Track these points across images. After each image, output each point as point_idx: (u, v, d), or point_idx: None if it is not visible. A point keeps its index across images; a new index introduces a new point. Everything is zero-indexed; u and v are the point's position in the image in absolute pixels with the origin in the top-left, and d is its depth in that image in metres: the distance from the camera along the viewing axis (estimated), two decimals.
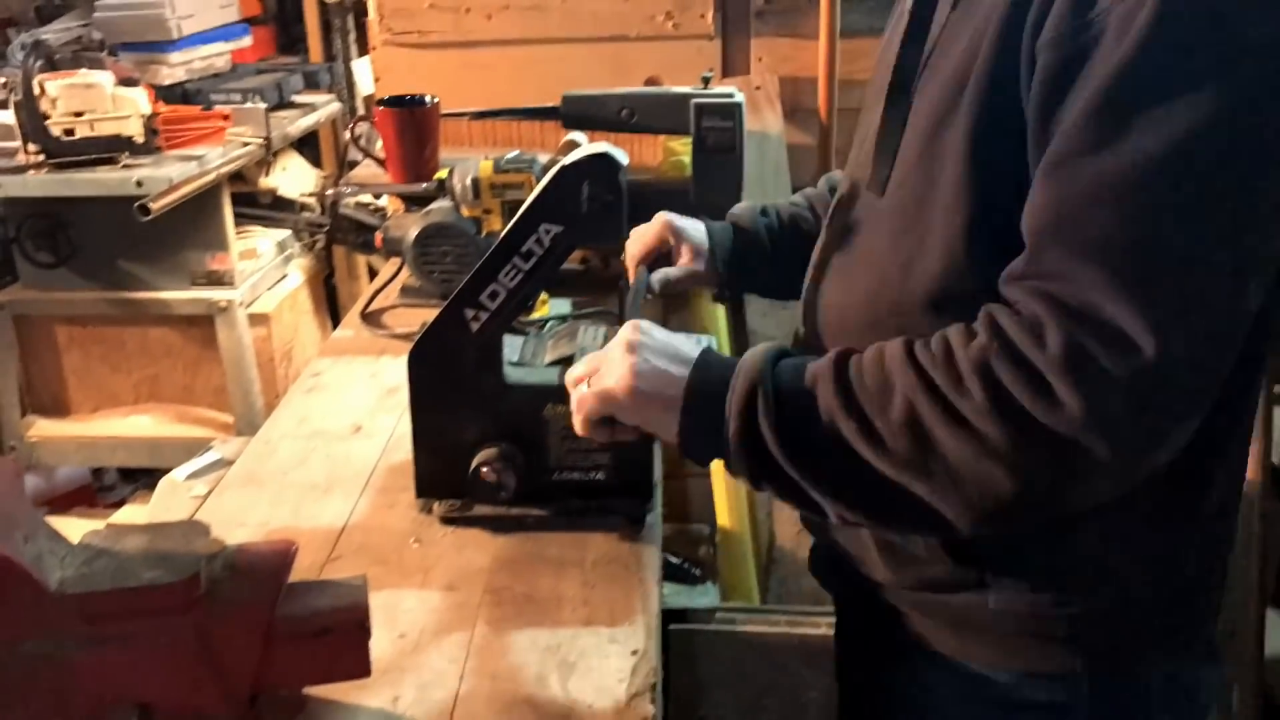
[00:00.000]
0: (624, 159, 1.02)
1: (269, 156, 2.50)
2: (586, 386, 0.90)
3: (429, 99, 1.85)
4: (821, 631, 1.07)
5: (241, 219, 2.49)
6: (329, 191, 1.82)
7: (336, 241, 1.88)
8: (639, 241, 1.24)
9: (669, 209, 1.25)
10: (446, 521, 1.07)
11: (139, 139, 2.21)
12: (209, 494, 1.15)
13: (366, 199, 1.81)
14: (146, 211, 2.07)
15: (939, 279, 0.81)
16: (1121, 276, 0.68)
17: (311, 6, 3.03)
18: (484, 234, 1.56)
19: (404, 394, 1.05)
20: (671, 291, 1.21)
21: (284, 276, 2.60)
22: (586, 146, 1.04)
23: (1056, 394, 0.69)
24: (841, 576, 1.00)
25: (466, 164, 1.58)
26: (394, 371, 1.40)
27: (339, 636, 0.78)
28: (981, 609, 0.87)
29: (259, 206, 2.63)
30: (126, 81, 2.32)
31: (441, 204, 1.60)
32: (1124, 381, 0.67)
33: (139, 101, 2.23)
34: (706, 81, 1.71)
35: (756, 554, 1.82)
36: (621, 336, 0.88)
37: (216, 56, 2.75)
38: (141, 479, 2.62)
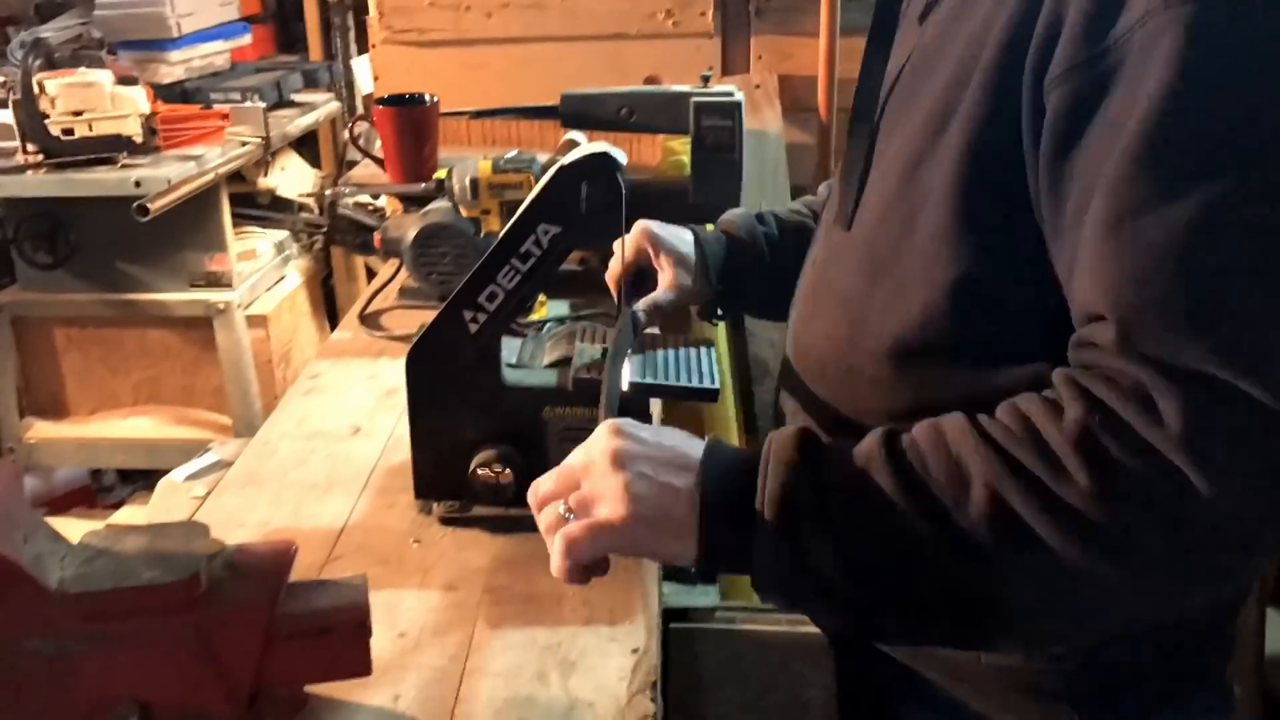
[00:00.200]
0: (623, 158, 1.02)
1: (268, 156, 2.50)
2: (568, 514, 0.73)
3: (428, 98, 1.85)
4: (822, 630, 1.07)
5: (240, 219, 2.49)
6: (328, 192, 1.83)
7: (335, 242, 1.88)
8: (616, 258, 1.11)
9: (668, 208, 1.24)
10: (446, 522, 1.07)
11: (138, 138, 2.21)
12: (208, 495, 1.15)
13: (365, 199, 1.81)
14: (145, 212, 2.07)
15: (914, 328, 0.76)
16: (1222, 337, 0.61)
17: (311, 5, 3.03)
18: (482, 234, 1.56)
19: (403, 395, 1.05)
20: (661, 320, 1.08)
21: (282, 278, 2.60)
22: (585, 146, 1.04)
23: (1182, 472, 0.60)
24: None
25: (465, 164, 1.58)
26: (392, 373, 1.40)
27: (339, 635, 0.78)
28: (974, 663, 0.84)
29: (257, 207, 2.63)
30: (126, 80, 2.32)
31: (440, 204, 1.60)
32: (1255, 445, 0.60)
33: (138, 100, 2.23)
34: (706, 80, 1.71)
35: None
36: (602, 445, 0.73)
37: (216, 55, 2.75)
38: (140, 480, 2.62)
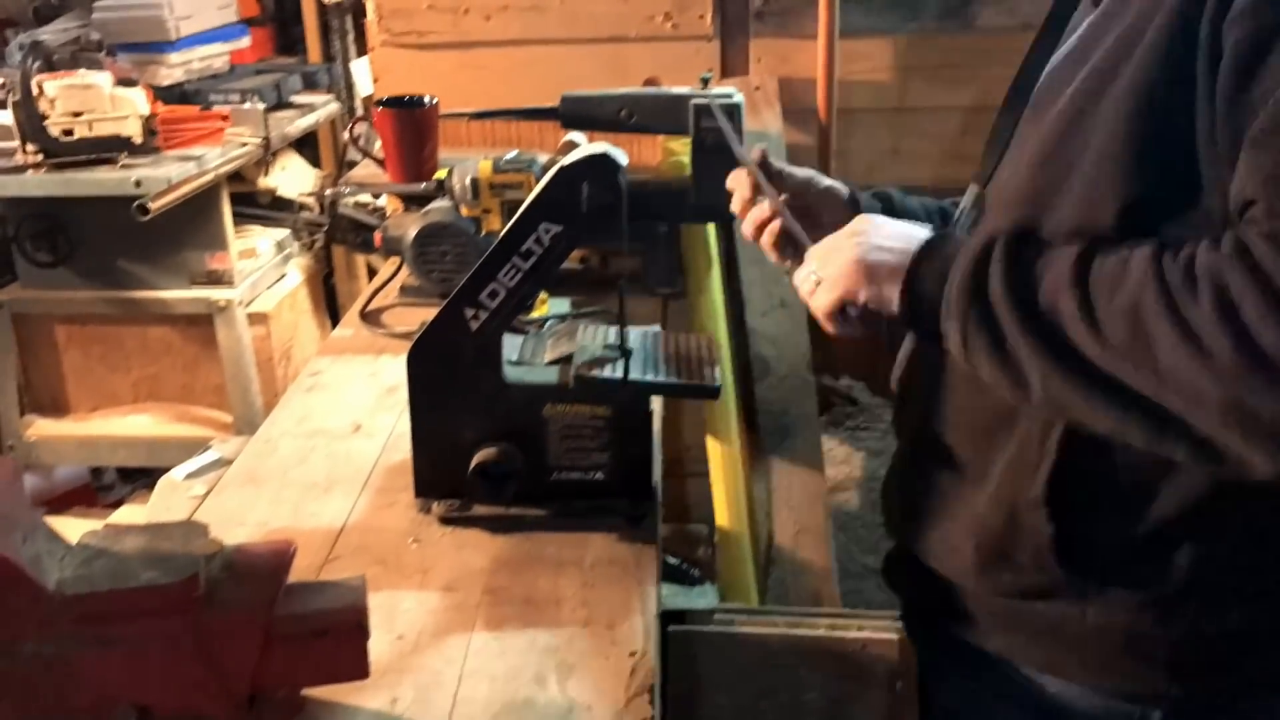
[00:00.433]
0: (623, 159, 1.02)
1: (268, 156, 2.50)
2: (815, 279, 0.89)
3: (428, 99, 1.85)
4: (821, 632, 1.07)
5: (240, 219, 2.49)
6: (328, 191, 1.82)
7: (336, 241, 1.88)
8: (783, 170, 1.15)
9: (668, 209, 1.24)
10: (445, 521, 1.06)
11: (137, 139, 2.21)
12: (208, 494, 1.15)
13: (365, 199, 1.81)
14: (145, 211, 2.07)
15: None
16: None
17: (310, 7, 3.03)
18: (483, 234, 1.56)
19: (403, 393, 1.05)
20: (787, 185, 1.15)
21: (283, 276, 2.60)
22: (586, 147, 1.04)
23: None
24: (916, 580, 0.97)
25: (465, 164, 1.58)
26: (393, 370, 1.40)
27: (337, 637, 0.78)
28: (1078, 622, 0.84)
29: (258, 206, 2.63)
30: (125, 82, 2.32)
31: (440, 204, 1.60)
32: None
33: (137, 102, 2.23)
34: (705, 82, 1.71)
35: (755, 555, 1.82)
36: (848, 227, 0.90)
37: (215, 57, 2.75)
38: (140, 479, 2.61)
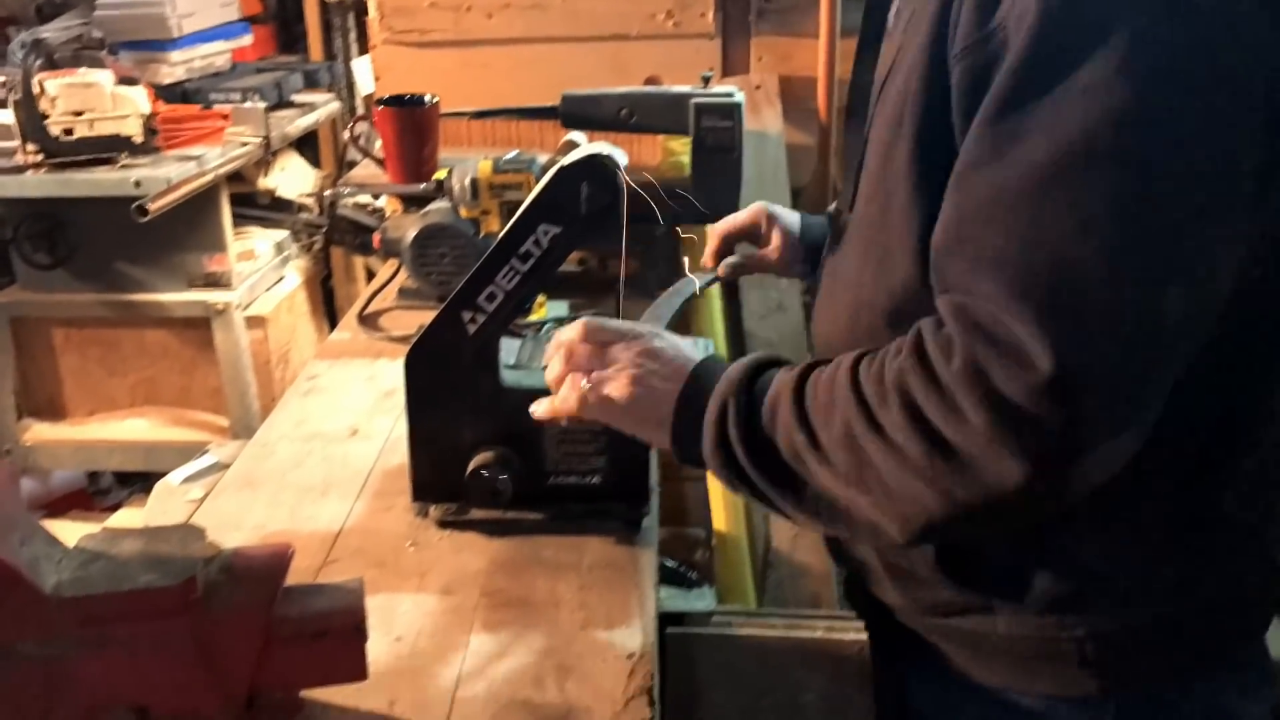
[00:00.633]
0: (623, 159, 1.02)
1: (268, 156, 2.50)
2: (586, 382, 0.90)
3: (428, 98, 1.85)
4: (819, 634, 1.07)
5: (240, 219, 2.49)
6: (327, 192, 1.82)
7: (334, 243, 1.87)
8: (729, 221, 1.28)
9: (668, 209, 1.25)
10: (443, 524, 1.06)
11: (138, 139, 2.21)
12: (205, 497, 1.15)
13: (365, 199, 1.81)
14: (144, 212, 2.06)
15: (899, 296, 0.82)
16: (1015, 291, 0.67)
17: (312, 5, 3.03)
18: (482, 235, 1.56)
19: (401, 396, 1.05)
20: (738, 274, 1.27)
21: (281, 278, 2.60)
22: (585, 146, 1.04)
23: (962, 410, 0.68)
24: (864, 598, 1.00)
25: (465, 164, 1.58)
26: (391, 374, 1.40)
27: (335, 639, 0.78)
28: (992, 633, 0.86)
29: (257, 207, 2.63)
30: (126, 80, 2.32)
31: (440, 205, 1.59)
32: (1022, 397, 0.66)
33: (138, 101, 2.23)
34: (706, 81, 1.71)
35: (753, 557, 1.82)
36: (636, 337, 0.91)
37: (217, 55, 2.75)
38: (137, 482, 2.61)
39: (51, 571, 0.74)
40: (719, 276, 1.28)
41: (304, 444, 1.25)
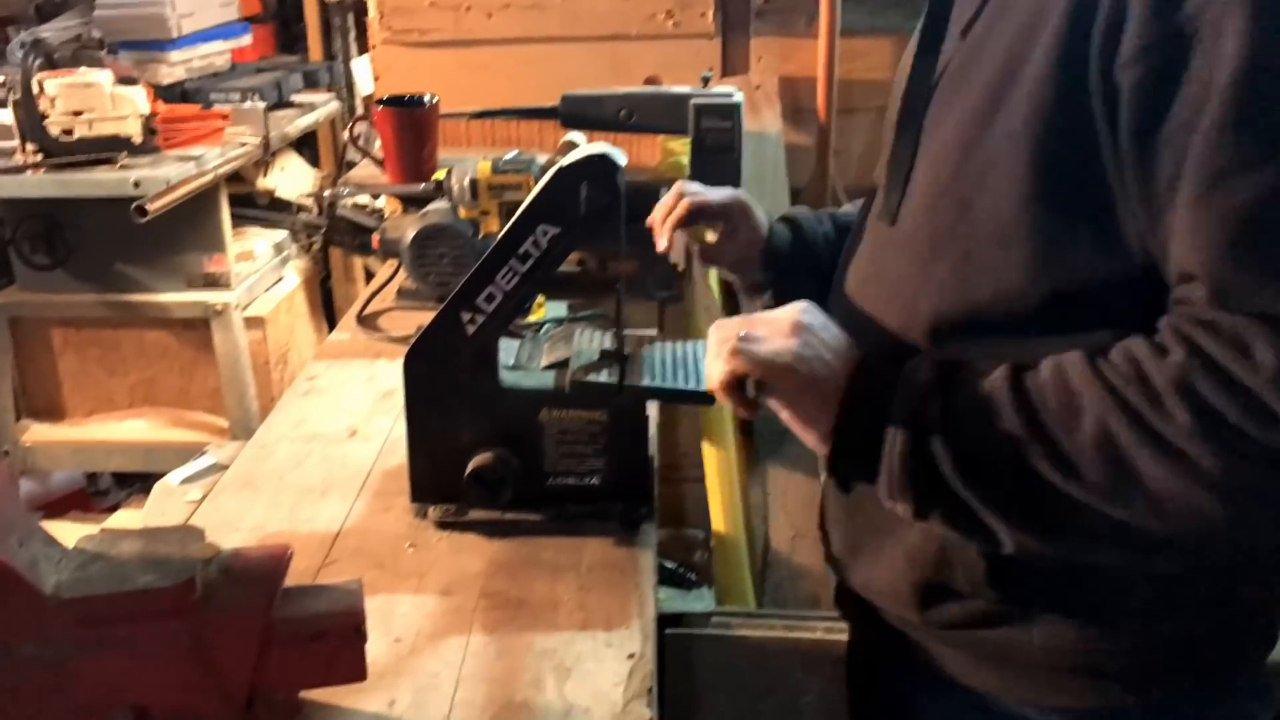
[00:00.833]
0: (622, 160, 1.02)
1: (267, 157, 2.49)
2: (741, 339, 0.83)
3: (428, 98, 1.85)
4: (817, 635, 1.07)
5: (239, 220, 2.49)
6: (326, 192, 1.82)
7: (333, 243, 1.87)
8: (704, 193, 1.14)
9: None
10: (442, 526, 1.06)
11: (137, 139, 2.21)
12: (204, 498, 1.15)
13: (364, 200, 1.81)
14: (143, 213, 2.06)
15: (990, 303, 0.79)
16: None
17: (311, 5, 3.03)
18: (481, 235, 1.56)
19: (400, 397, 1.05)
20: (690, 261, 1.15)
21: (280, 279, 2.59)
22: (585, 147, 1.04)
23: (1274, 411, 0.64)
24: (866, 614, 0.97)
25: (465, 164, 1.58)
26: (390, 374, 1.40)
27: (335, 640, 0.78)
28: (1025, 644, 0.84)
29: (257, 207, 2.63)
30: (125, 80, 2.32)
31: (439, 205, 1.59)
32: None
33: (138, 101, 2.22)
34: (706, 81, 1.71)
35: (751, 558, 1.82)
36: (790, 309, 0.84)
37: (216, 55, 2.74)
38: (136, 483, 2.61)
39: (51, 572, 0.74)
40: (672, 261, 1.15)
41: (303, 445, 1.25)
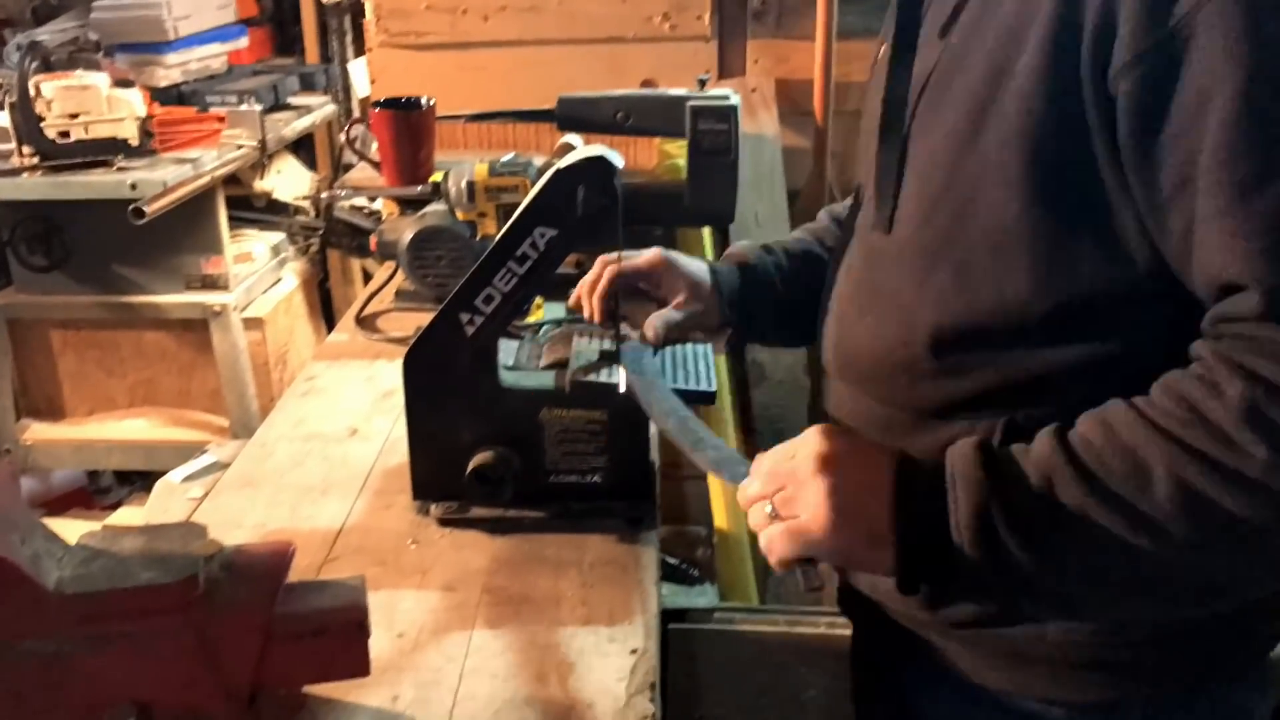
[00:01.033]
0: (619, 162, 1.02)
1: (264, 159, 2.50)
2: (770, 512, 0.79)
3: (425, 101, 1.85)
4: (820, 631, 1.07)
5: (236, 222, 2.49)
6: (324, 194, 1.82)
7: (331, 245, 1.88)
8: (624, 261, 1.10)
9: (665, 212, 1.23)
10: (444, 523, 1.07)
11: (134, 141, 2.21)
12: (205, 496, 1.16)
13: (361, 202, 1.81)
14: (140, 215, 2.06)
15: (987, 317, 0.79)
16: None
17: (308, 8, 3.03)
18: (479, 237, 1.56)
19: (400, 397, 1.05)
20: (671, 338, 1.10)
21: (278, 280, 2.60)
22: (582, 149, 1.04)
23: None
24: (872, 612, 0.96)
25: (461, 167, 1.58)
26: (389, 375, 1.40)
27: (338, 636, 0.78)
28: (1039, 641, 0.84)
29: (254, 209, 2.63)
30: (122, 83, 2.32)
31: (436, 207, 1.60)
32: None
33: (134, 103, 2.23)
34: (702, 84, 1.71)
35: (754, 554, 1.82)
36: (810, 448, 0.77)
37: (213, 58, 2.74)
38: (137, 481, 2.61)
39: (53, 569, 0.74)
40: (652, 344, 1.09)
41: (303, 444, 1.25)
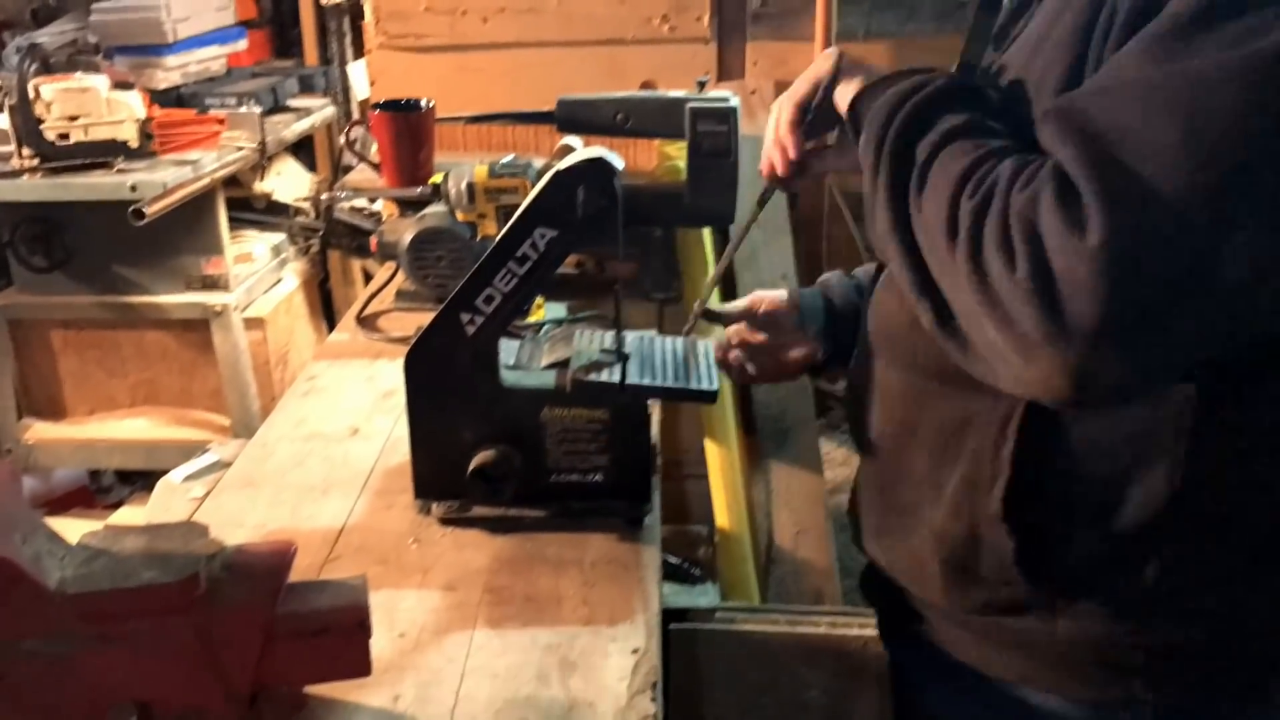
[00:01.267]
0: (619, 163, 1.02)
1: (264, 161, 2.50)
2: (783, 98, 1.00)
3: (424, 103, 1.85)
4: (821, 630, 1.07)
5: (236, 223, 2.49)
6: (324, 196, 1.83)
7: (331, 246, 1.88)
8: (768, 302, 1.22)
9: (664, 214, 1.24)
10: (445, 522, 1.07)
11: (133, 143, 2.21)
12: (206, 495, 1.16)
13: (361, 203, 1.82)
14: (141, 216, 2.07)
15: None
16: (1088, 155, 0.68)
17: (307, 10, 3.04)
18: (479, 238, 1.57)
19: (401, 397, 1.05)
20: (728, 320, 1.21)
21: (279, 280, 2.60)
22: (581, 151, 1.04)
23: (1014, 252, 0.69)
24: (889, 594, 0.98)
25: (461, 168, 1.58)
26: (390, 374, 1.40)
27: (339, 635, 0.78)
28: (1049, 635, 0.85)
29: (254, 211, 2.63)
30: (121, 85, 2.32)
31: (436, 208, 1.60)
32: (1064, 256, 0.67)
33: (134, 105, 2.23)
34: (702, 86, 1.71)
35: (755, 554, 1.83)
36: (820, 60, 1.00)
37: (212, 60, 2.75)
38: (139, 481, 2.62)
39: (55, 568, 0.74)
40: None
41: (304, 444, 1.25)
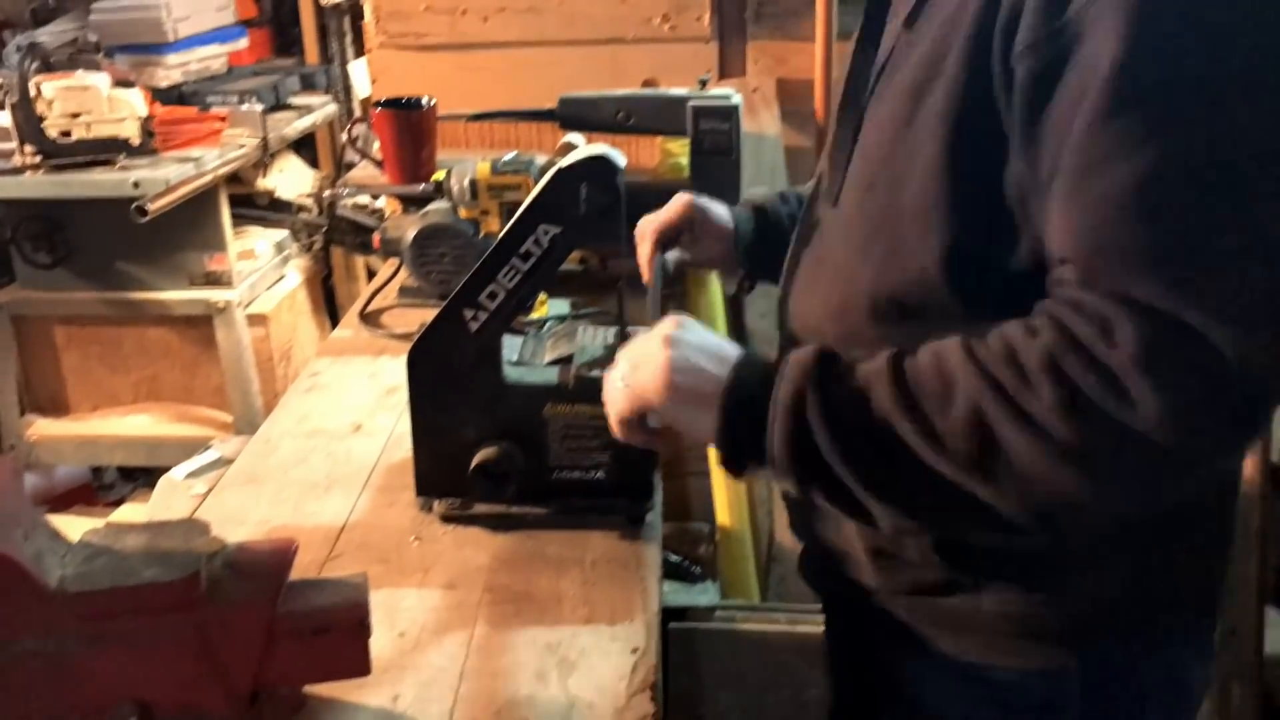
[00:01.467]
0: (622, 161, 1.02)
1: (266, 158, 2.50)
2: (622, 381, 0.87)
3: (426, 101, 1.85)
4: (821, 629, 1.07)
5: (239, 220, 2.49)
6: (326, 193, 1.83)
7: (334, 242, 1.88)
8: (656, 218, 1.17)
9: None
10: (447, 520, 1.07)
11: (135, 141, 2.22)
12: (208, 493, 1.16)
13: (364, 200, 1.82)
14: (143, 213, 2.07)
15: (910, 287, 0.82)
16: (1172, 276, 0.67)
17: (308, 9, 3.04)
18: (482, 235, 1.57)
19: (403, 393, 1.05)
20: (683, 271, 1.17)
21: (282, 277, 2.60)
22: (584, 148, 1.04)
23: (1131, 392, 0.67)
24: (830, 579, 1.00)
25: (464, 165, 1.58)
26: (393, 371, 1.40)
27: (339, 635, 0.78)
28: (975, 611, 0.87)
29: (256, 208, 2.63)
30: (122, 83, 2.33)
31: (439, 205, 1.60)
32: (1200, 373, 0.66)
33: (135, 103, 2.23)
34: (703, 84, 1.72)
35: (756, 552, 1.82)
36: (658, 330, 0.85)
37: (213, 58, 2.75)
38: (141, 478, 2.62)
39: (56, 566, 0.74)
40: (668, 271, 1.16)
41: (307, 440, 1.25)
